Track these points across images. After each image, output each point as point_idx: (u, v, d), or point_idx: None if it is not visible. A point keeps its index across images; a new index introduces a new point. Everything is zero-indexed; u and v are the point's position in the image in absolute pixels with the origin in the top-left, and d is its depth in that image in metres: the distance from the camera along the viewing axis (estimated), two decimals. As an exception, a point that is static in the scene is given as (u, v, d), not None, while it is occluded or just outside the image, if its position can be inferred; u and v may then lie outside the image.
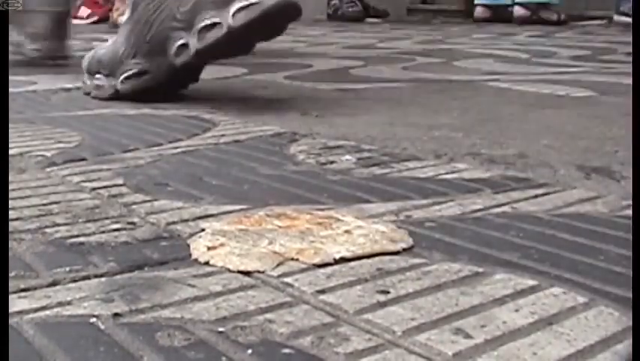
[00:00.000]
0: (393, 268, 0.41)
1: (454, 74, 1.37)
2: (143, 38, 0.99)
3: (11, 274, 0.39)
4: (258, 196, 0.55)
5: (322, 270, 0.40)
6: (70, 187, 0.58)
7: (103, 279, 0.39)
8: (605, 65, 1.53)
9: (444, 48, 1.95)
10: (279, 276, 0.39)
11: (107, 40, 1.09)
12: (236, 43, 0.94)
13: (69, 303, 0.36)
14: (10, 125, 0.72)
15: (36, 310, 0.36)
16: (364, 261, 0.42)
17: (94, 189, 0.57)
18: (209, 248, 0.43)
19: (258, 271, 0.40)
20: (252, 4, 0.90)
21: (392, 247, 0.44)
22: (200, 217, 0.50)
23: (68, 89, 1.14)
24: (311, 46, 2.04)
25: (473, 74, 1.37)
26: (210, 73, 1.37)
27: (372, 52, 1.82)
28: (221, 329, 0.33)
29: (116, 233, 0.47)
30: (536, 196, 0.56)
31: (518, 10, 3.19)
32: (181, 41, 0.95)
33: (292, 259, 0.41)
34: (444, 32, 2.56)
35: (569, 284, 0.39)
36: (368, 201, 0.54)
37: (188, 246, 0.44)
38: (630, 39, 1.80)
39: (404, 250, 0.44)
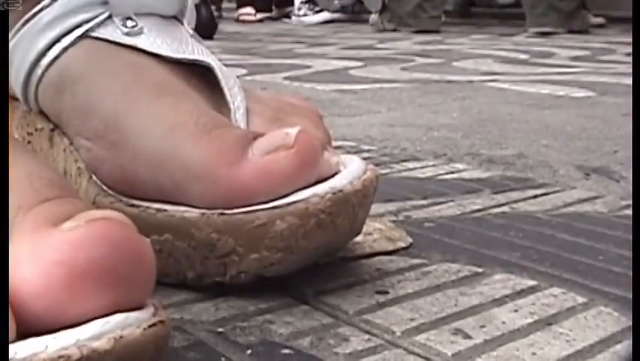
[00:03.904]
0: (392, 269, 0.41)
1: (453, 75, 1.37)
2: None
3: (10, 275, 0.39)
4: (258, 197, 0.55)
5: (321, 270, 0.40)
6: (70, 188, 0.58)
7: (102, 280, 0.39)
8: (605, 66, 1.53)
9: (443, 49, 1.95)
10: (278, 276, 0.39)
11: None
12: None
13: (68, 304, 0.36)
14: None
15: (35, 311, 0.35)
16: (363, 261, 0.42)
17: (93, 190, 0.57)
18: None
19: (258, 272, 0.40)
20: None
21: (391, 247, 0.44)
22: (199, 218, 0.50)
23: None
24: (310, 47, 2.04)
25: (472, 74, 1.37)
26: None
27: (371, 52, 1.82)
28: (220, 330, 0.33)
29: (116, 234, 0.46)
30: (535, 196, 0.56)
31: None
32: None
33: (291, 259, 0.41)
34: (443, 33, 2.56)
35: (569, 284, 0.39)
36: (367, 202, 0.54)
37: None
38: (630, 39, 1.80)
39: (403, 249, 0.44)
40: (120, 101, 0.38)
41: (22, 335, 0.23)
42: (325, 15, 3.49)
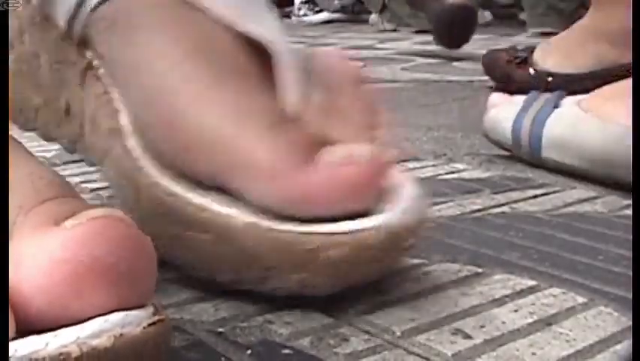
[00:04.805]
0: (392, 269, 0.41)
1: (453, 75, 1.36)
2: None
3: (10, 275, 0.39)
4: (258, 197, 0.55)
5: (321, 270, 0.40)
6: (70, 188, 0.58)
7: (102, 280, 0.39)
8: (605, 66, 1.53)
9: (443, 49, 1.94)
10: (279, 276, 0.39)
11: None
12: None
13: (68, 304, 0.36)
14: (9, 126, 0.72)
15: (35, 311, 0.35)
16: (363, 261, 0.42)
17: (93, 190, 0.57)
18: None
19: (258, 272, 0.40)
20: None
21: (391, 248, 0.43)
22: (199, 218, 0.49)
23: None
24: (310, 47, 2.04)
25: (473, 74, 1.37)
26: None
27: (371, 52, 1.82)
28: (220, 330, 0.33)
29: (116, 234, 0.46)
30: (535, 196, 0.56)
31: None
32: None
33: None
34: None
35: (568, 284, 0.39)
36: (367, 202, 0.54)
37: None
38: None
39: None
40: (178, 71, 0.35)
41: (25, 332, 0.23)
42: (325, 15, 3.49)
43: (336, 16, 3.52)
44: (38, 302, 0.23)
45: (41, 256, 0.24)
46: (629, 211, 0.52)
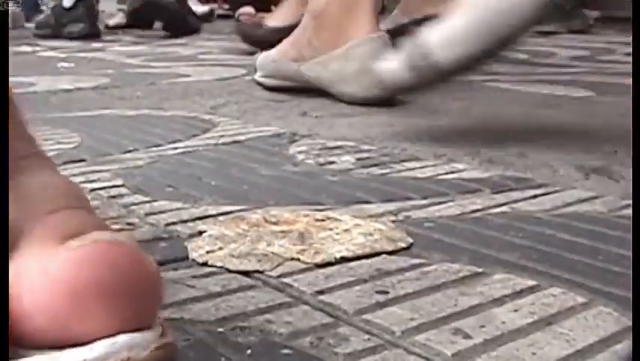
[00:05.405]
0: (392, 269, 0.41)
1: (453, 75, 1.36)
2: None
3: (10, 275, 0.39)
4: (258, 197, 0.55)
5: (321, 270, 0.40)
6: (70, 188, 0.58)
7: (102, 280, 0.39)
8: (604, 66, 1.53)
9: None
10: (279, 276, 0.39)
11: None
12: None
13: (68, 304, 0.36)
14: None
15: (35, 311, 0.35)
16: (363, 261, 0.42)
17: (93, 190, 0.57)
18: (207, 252, 0.43)
19: (258, 271, 0.40)
20: None
21: (391, 247, 0.44)
22: (199, 218, 0.50)
23: (68, 90, 1.14)
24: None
25: (472, 74, 1.37)
26: (210, 74, 1.37)
27: (371, 52, 1.82)
28: (220, 330, 0.33)
29: (116, 234, 0.46)
30: (535, 196, 0.56)
31: None
32: None
33: (292, 258, 0.42)
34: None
35: (568, 284, 0.39)
36: (367, 202, 0.54)
37: (187, 248, 0.44)
38: (629, 39, 1.80)
39: (403, 249, 0.44)
40: None
41: (25, 349, 0.23)
42: (325, 15, 3.49)
43: (336, 16, 3.52)
44: (38, 320, 0.24)
45: (43, 274, 0.24)
46: (629, 211, 0.52)
